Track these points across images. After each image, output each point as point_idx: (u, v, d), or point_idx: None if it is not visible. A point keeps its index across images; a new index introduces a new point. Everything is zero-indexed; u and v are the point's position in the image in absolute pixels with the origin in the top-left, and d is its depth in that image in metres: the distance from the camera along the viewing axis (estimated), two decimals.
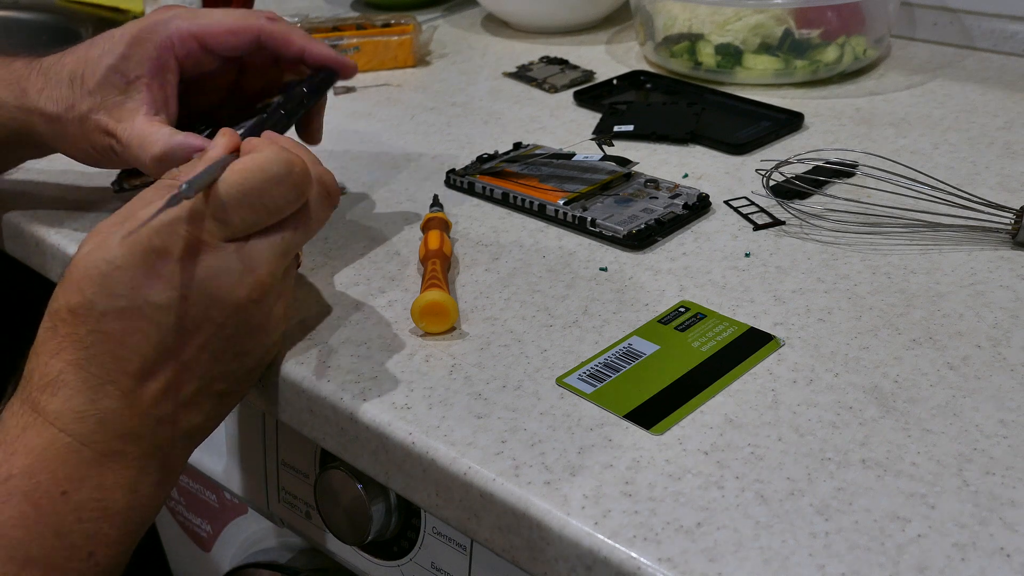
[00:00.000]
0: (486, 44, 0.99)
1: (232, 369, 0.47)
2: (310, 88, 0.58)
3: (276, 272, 0.47)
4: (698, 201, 0.63)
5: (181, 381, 0.45)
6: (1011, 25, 0.87)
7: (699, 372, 0.48)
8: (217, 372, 0.46)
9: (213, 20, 0.56)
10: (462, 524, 0.44)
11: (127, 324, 0.43)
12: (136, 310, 0.43)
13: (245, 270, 0.45)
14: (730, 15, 0.83)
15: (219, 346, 0.46)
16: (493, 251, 0.60)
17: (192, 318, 0.44)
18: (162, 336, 0.44)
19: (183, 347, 0.44)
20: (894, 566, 0.37)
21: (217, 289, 0.45)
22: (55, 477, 0.42)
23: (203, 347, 0.45)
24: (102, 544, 0.43)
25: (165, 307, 0.43)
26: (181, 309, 0.44)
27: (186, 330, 0.44)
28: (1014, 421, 0.44)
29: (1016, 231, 0.57)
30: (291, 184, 0.46)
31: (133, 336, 0.43)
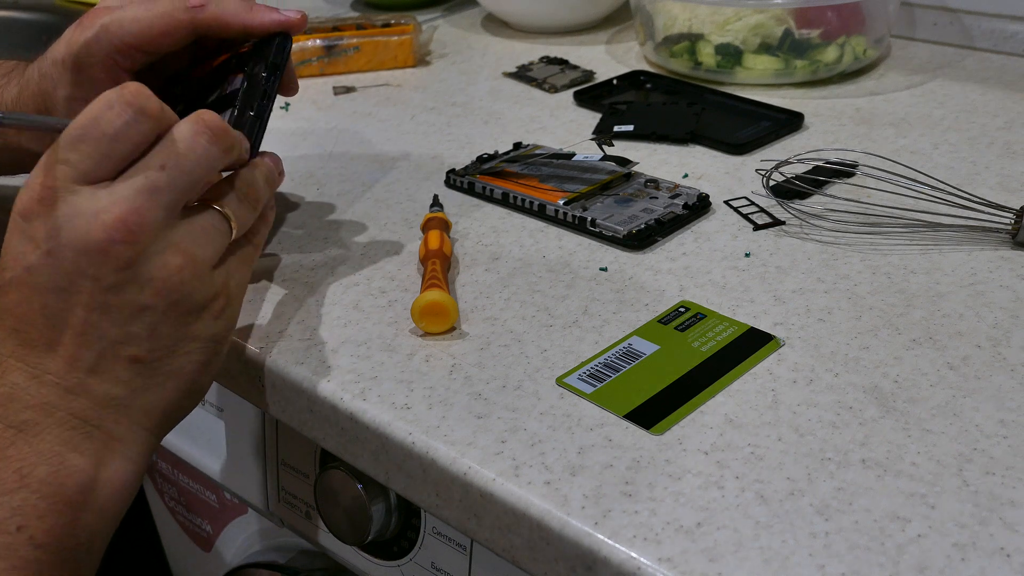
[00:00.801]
0: (486, 44, 0.99)
1: (136, 332, 0.44)
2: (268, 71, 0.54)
3: (143, 209, 0.43)
4: (698, 201, 0.63)
5: (78, 347, 0.43)
6: (1011, 25, 0.87)
7: (699, 372, 0.48)
8: (116, 335, 0.43)
9: (141, 24, 0.53)
10: (462, 524, 0.44)
11: (14, 296, 0.43)
12: (18, 280, 0.43)
13: (100, 209, 0.42)
14: (730, 15, 0.83)
15: (106, 301, 0.43)
16: (493, 251, 0.60)
17: (63, 273, 0.42)
18: (44, 300, 0.42)
19: (69, 310, 0.43)
20: (894, 566, 0.37)
21: (74, 234, 0.42)
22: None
23: (88, 306, 0.43)
24: (30, 516, 0.41)
25: (36, 267, 0.42)
26: (50, 265, 0.42)
27: (63, 289, 0.42)
28: (1014, 421, 0.44)
29: (1016, 231, 0.57)
30: (123, 104, 0.43)
31: (21, 306, 0.43)
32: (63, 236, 0.42)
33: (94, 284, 0.43)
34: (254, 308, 0.55)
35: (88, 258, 0.42)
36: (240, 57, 0.56)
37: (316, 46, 0.91)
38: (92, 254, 0.42)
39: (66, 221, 0.42)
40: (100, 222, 0.42)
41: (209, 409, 0.68)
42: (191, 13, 0.53)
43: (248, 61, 0.55)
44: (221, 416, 0.67)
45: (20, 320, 0.43)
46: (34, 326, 0.43)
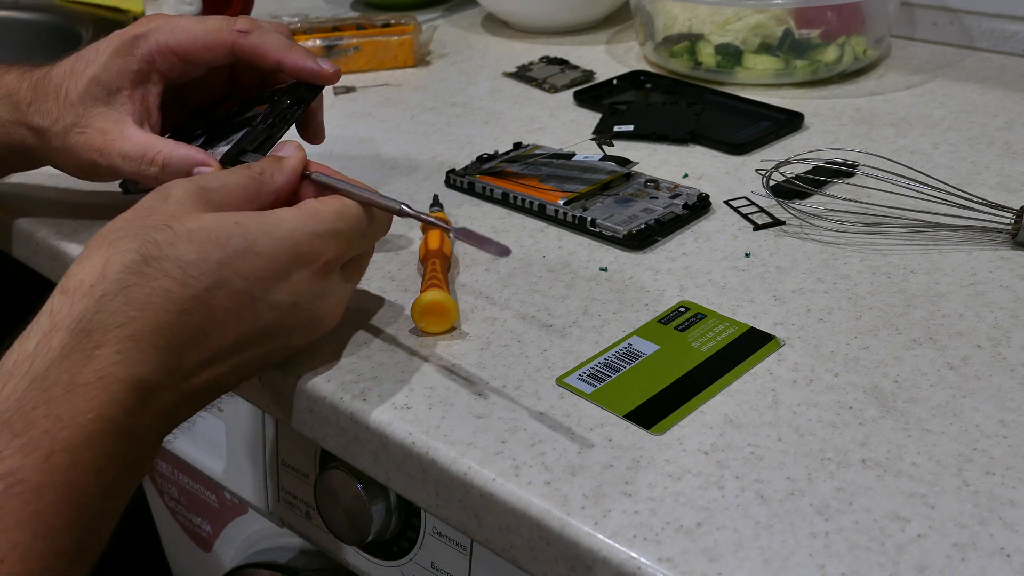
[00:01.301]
0: (486, 44, 0.99)
1: (251, 376, 0.47)
2: (293, 100, 0.57)
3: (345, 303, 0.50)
4: (698, 201, 0.63)
5: (228, 374, 0.44)
6: (1011, 25, 0.87)
7: (699, 372, 0.48)
8: (245, 375, 0.46)
9: (189, 35, 0.56)
10: (462, 524, 0.44)
11: (233, 306, 0.42)
12: (250, 299, 0.43)
13: (339, 301, 0.48)
14: (730, 15, 0.83)
15: (271, 357, 0.46)
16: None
17: (284, 326, 0.45)
18: (251, 331, 0.44)
19: (255, 347, 0.45)
20: (894, 566, 0.37)
21: (320, 310, 0.47)
22: (93, 455, 0.38)
23: (265, 354, 0.46)
24: (110, 519, 0.40)
25: (275, 308, 0.44)
26: (285, 316, 0.45)
27: (270, 334, 0.45)
28: (1014, 421, 0.44)
29: (1016, 231, 0.57)
30: (385, 226, 0.50)
31: (229, 319, 0.42)
32: (312, 305, 0.46)
33: (285, 343, 0.46)
34: None
35: (308, 330, 0.47)
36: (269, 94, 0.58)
37: (316, 46, 0.91)
38: (313, 328, 0.47)
39: (323, 295, 0.46)
40: (335, 314, 0.48)
41: (209, 409, 0.68)
42: (235, 36, 0.56)
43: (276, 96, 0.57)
44: (221, 416, 0.67)
45: (216, 326, 0.42)
46: (222, 338, 0.43)
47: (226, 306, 0.42)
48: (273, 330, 0.45)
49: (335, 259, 0.46)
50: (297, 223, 0.45)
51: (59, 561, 0.37)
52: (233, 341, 0.43)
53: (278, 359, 0.48)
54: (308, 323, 0.47)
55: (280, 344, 0.46)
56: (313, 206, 0.46)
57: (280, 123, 0.56)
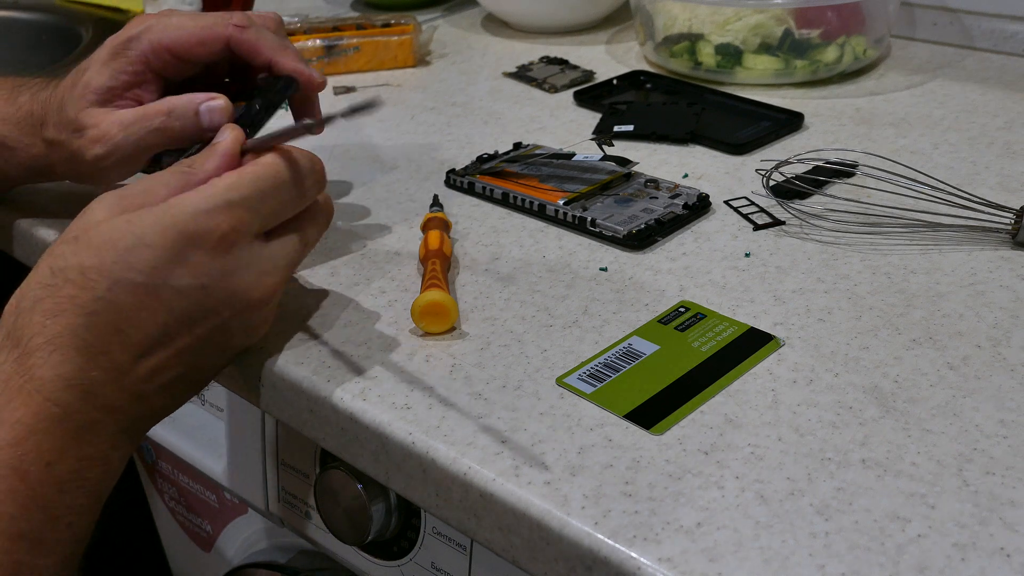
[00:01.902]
0: (486, 44, 0.99)
1: (213, 362, 0.48)
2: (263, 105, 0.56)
3: (288, 276, 0.48)
4: (698, 201, 0.63)
5: (169, 366, 0.45)
6: (1011, 25, 0.87)
7: (699, 372, 0.48)
8: (201, 363, 0.47)
9: (183, 32, 0.56)
10: (462, 524, 0.44)
11: (139, 300, 0.43)
12: (152, 289, 0.43)
13: (265, 271, 0.46)
14: (730, 15, 0.83)
15: (215, 339, 0.46)
16: (493, 251, 0.60)
17: (204, 308, 0.45)
18: (169, 320, 0.44)
19: (184, 334, 0.45)
20: (894, 566, 0.37)
21: (237, 285, 0.45)
22: (40, 449, 0.41)
23: (202, 338, 0.45)
24: (78, 514, 0.43)
25: (183, 293, 0.44)
26: (197, 298, 0.44)
27: (193, 319, 0.45)
28: (1014, 421, 0.44)
29: (1016, 231, 0.57)
30: (315, 176, 0.48)
31: (140, 313, 0.43)
32: (227, 282, 0.45)
33: (221, 324, 0.46)
34: None
35: (233, 308, 0.46)
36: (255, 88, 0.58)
37: (316, 46, 0.91)
38: (240, 306, 0.46)
39: (234, 270, 0.45)
40: (262, 285, 0.46)
41: (209, 409, 0.68)
42: (231, 30, 0.56)
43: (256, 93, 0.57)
44: (221, 416, 0.67)
45: (129, 322, 0.43)
46: (143, 334, 0.43)
47: (130, 301, 0.43)
48: (195, 314, 0.45)
49: (232, 231, 0.45)
50: (181, 206, 0.44)
51: (16, 544, 0.40)
52: (156, 332, 0.44)
53: (234, 343, 0.48)
54: (231, 300, 0.46)
55: (215, 326, 0.46)
56: (207, 184, 0.46)
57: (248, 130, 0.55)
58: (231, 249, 0.45)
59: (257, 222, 0.46)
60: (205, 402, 0.69)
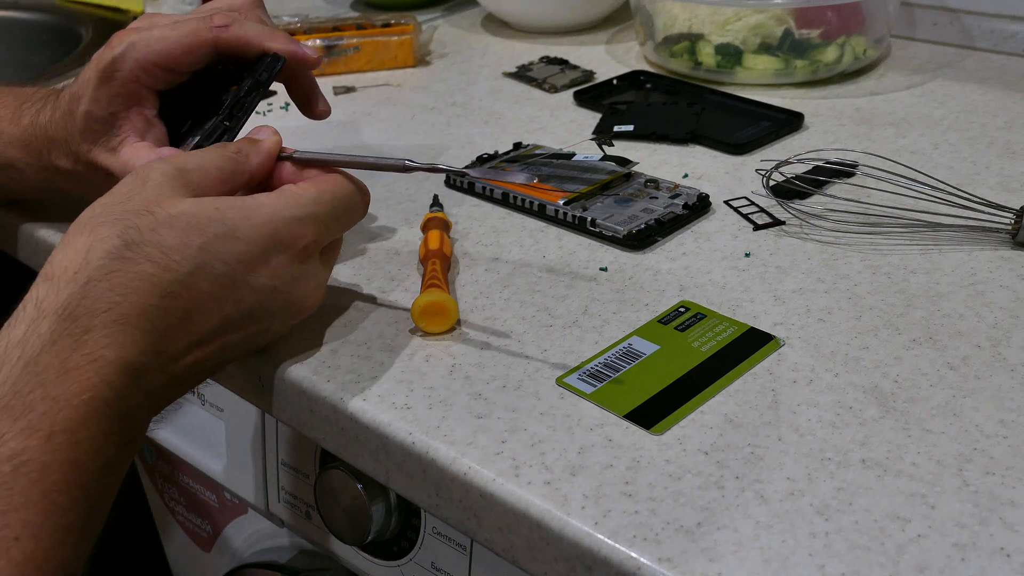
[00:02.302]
0: (486, 44, 0.99)
1: (240, 356, 0.48)
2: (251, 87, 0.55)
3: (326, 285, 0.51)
4: (698, 201, 0.63)
5: (213, 356, 0.45)
6: (1011, 25, 0.87)
7: (699, 372, 0.48)
8: (234, 356, 0.47)
9: (166, 44, 0.54)
10: (462, 524, 0.44)
11: (215, 290, 0.43)
12: (231, 282, 0.44)
13: (320, 283, 0.49)
14: (730, 15, 0.83)
15: (256, 337, 0.47)
16: (493, 251, 0.60)
17: (265, 309, 0.46)
18: (233, 314, 0.44)
19: (238, 329, 0.45)
20: (894, 566, 0.37)
21: (299, 294, 0.47)
22: (91, 434, 0.39)
23: (247, 337, 0.46)
24: (109, 500, 0.42)
25: (257, 291, 0.45)
26: (264, 299, 0.45)
27: (252, 317, 0.46)
28: (1014, 421, 0.44)
29: (1016, 231, 0.57)
30: (364, 206, 0.51)
31: (212, 303, 0.43)
32: (294, 289, 0.47)
33: (267, 327, 0.47)
34: None
35: (287, 313, 0.48)
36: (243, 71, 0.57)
37: (316, 46, 0.91)
38: (294, 313, 0.48)
39: (302, 279, 0.47)
40: (317, 295, 0.49)
41: (209, 409, 0.68)
42: (215, 32, 0.55)
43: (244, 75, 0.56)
44: (221, 416, 0.67)
45: (200, 310, 0.43)
46: (206, 322, 0.44)
47: (208, 290, 0.43)
48: (255, 313, 0.46)
49: (313, 243, 0.47)
50: (276, 208, 0.46)
51: (68, 537, 0.38)
52: (217, 324, 0.44)
53: (262, 343, 0.49)
54: (288, 306, 0.47)
55: (262, 327, 0.47)
56: (292, 191, 0.47)
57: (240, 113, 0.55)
58: (307, 259, 0.47)
59: (327, 238, 0.49)
60: (205, 402, 0.69)
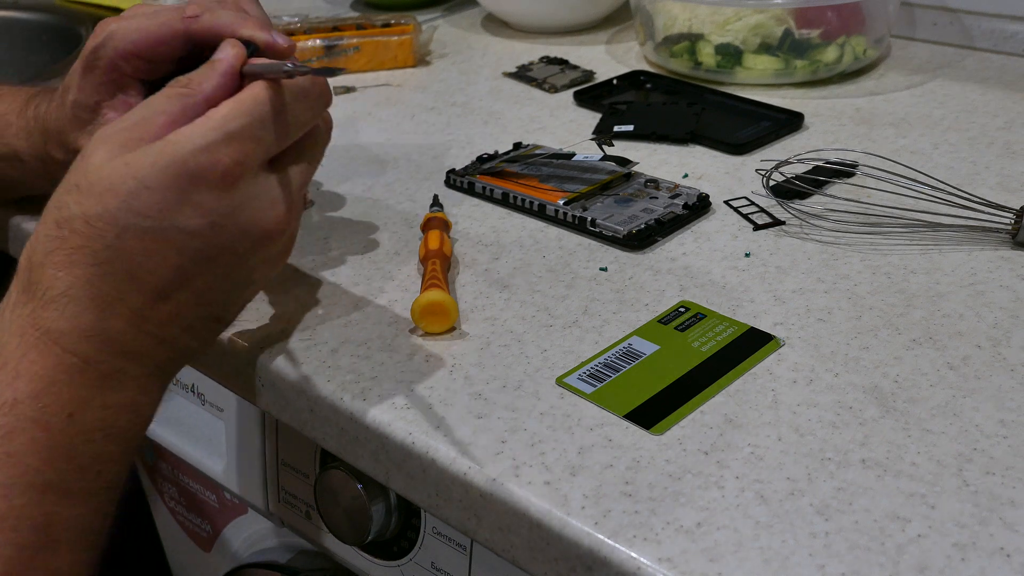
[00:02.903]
0: (486, 44, 0.99)
1: (235, 298, 0.47)
2: None
3: (298, 206, 0.47)
4: (698, 201, 0.63)
5: (189, 306, 0.44)
6: (1011, 25, 0.87)
7: (699, 372, 0.48)
8: (224, 300, 0.46)
9: (142, 34, 0.54)
10: (462, 524, 0.44)
11: (148, 244, 0.42)
12: (161, 232, 0.42)
13: (275, 200, 0.45)
14: (730, 15, 0.83)
15: (234, 275, 0.46)
16: (493, 251, 0.60)
17: (216, 246, 0.44)
18: (182, 261, 0.43)
19: (201, 274, 0.44)
20: (894, 566, 0.37)
21: (248, 219, 0.44)
22: (61, 400, 0.41)
23: (221, 276, 0.45)
24: (108, 461, 0.43)
25: (193, 233, 0.43)
26: (208, 237, 0.43)
27: (208, 258, 0.44)
28: (1014, 421, 0.44)
29: (1016, 231, 0.57)
30: (316, 96, 0.46)
31: (152, 257, 0.42)
32: (237, 216, 0.44)
33: (238, 261, 0.45)
34: (254, 308, 0.55)
35: (248, 241, 0.45)
36: None
37: (316, 46, 0.91)
38: (255, 239, 0.45)
39: (244, 203, 0.44)
40: (275, 213, 0.45)
41: (209, 409, 0.68)
42: (187, 23, 0.54)
43: None
44: (221, 416, 0.67)
45: (142, 268, 0.42)
46: (157, 277, 0.43)
47: (140, 247, 0.42)
48: (209, 253, 0.44)
49: (236, 165, 0.43)
50: (180, 143, 0.43)
51: (45, 496, 0.40)
52: (171, 275, 0.43)
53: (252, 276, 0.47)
54: (244, 234, 0.44)
55: (232, 262, 0.45)
56: (205, 117, 0.44)
57: None
58: (237, 183, 0.44)
59: (261, 152, 0.44)
60: (205, 402, 0.69)
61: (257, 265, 0.46)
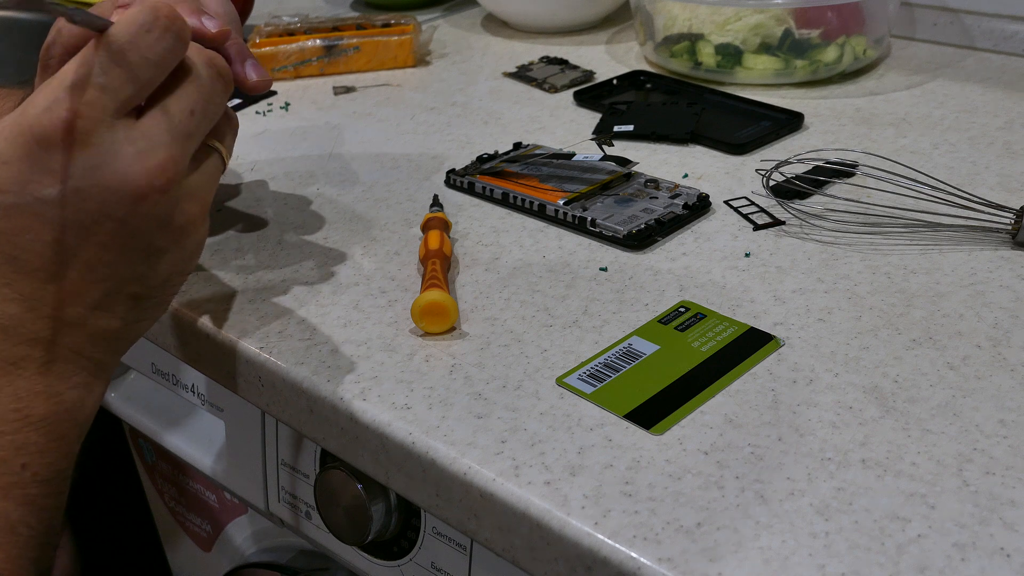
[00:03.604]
0: (486, 44, 0.99)
1: (143, 272, 0.44)
2: None
3: (179, 157, 0.43)
4: (698, 201, 0.63)
5: (86, 282, 0.42)
6: (1011, 25, 0.87)
7: (699, 372, 0.48)
8: (127, 274, 0.43)
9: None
10: (462, 524, 0.44)
11: (17, 222, 0.40)
12: (25, 207, 0.40)
13: (141, 151, 0.41)
14: (730, 15, 0.83)
15: (125, 243, 0.42)
16: (493, 251, 0.60)
17: (88, 212, 0.41)
18: (56, 234, 0.41)
19: (83, 245, 0.41)
20: (894, 566, 0.37)
21: (112, 176, 0.41)
22: None
23: (106, 245, 0.42)
24: (33, 454, 0.41)
25: (56, 202, 0.40)
26: (74, 203, 0.40)
27: (83, 226, 0.41)
28: (1014, 421, 0.44)
29: (1016, 231, 0.57)
30: (161, 28, 0.41)
31: (24, 235, 0.40)
32: (99, 175, 0.40)
33: (119, 226, 0.42)
34: (254, 308, 0.55)
35: (121, 201, 0.41)
36: None
37: (316, 46, 0.91)
38: (127, 198, 0.41)
39: (102, 160, 0.40)
40: (142, 168, 0.41)
41: (209, 409, 0.68)
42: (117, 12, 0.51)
43: None
44: (221, 416, 0.67)
45: (20, 248, 0.41)
46: (38, 256, 0.41)
47: (9, 226, 0.41)
48: (83, 221, 0.41)
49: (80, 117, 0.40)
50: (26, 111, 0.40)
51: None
52: (50, 252, 0.41)
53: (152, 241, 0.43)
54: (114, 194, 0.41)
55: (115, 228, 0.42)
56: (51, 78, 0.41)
57: None
58: (88, 138, 0.40)
59: (109, 99, 0.40)
60: (205, 402, 0.69)
61: (149, 229, 0.43)
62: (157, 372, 0.72)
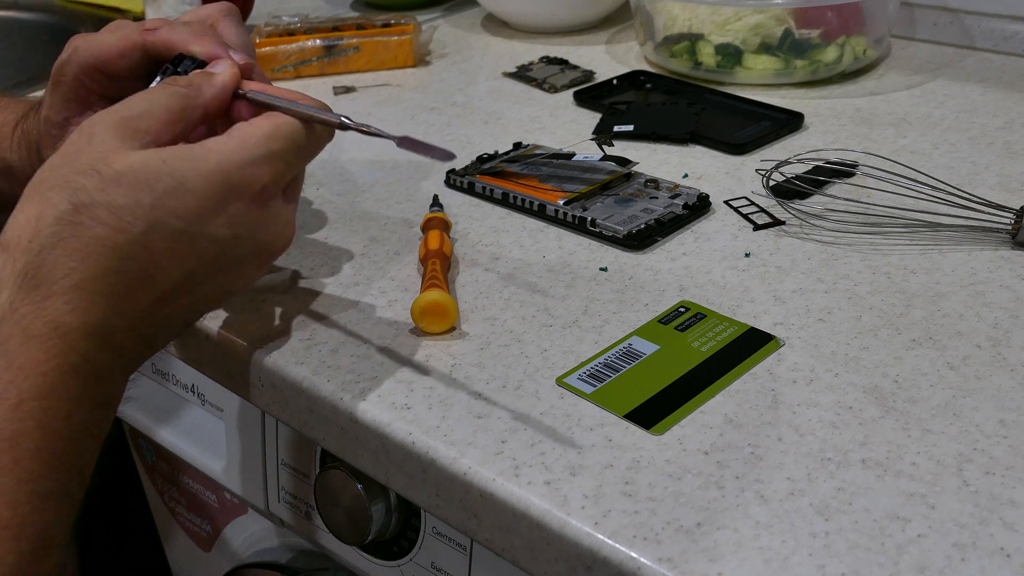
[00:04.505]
0: (486, 44, 0.99)
1: (215, 304, 0.48)
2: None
3: None
4: (698, 201, 0.63)
5: (184, 310, 0.44)
6: (1011, 25, 0.87)
7: (699, 372, 0.48)
8: (207, 307, 0.47)
9: (103, 47, 0.53)
10: (462, 524, 0.44)
11: (173, 246, 0.42)
12: (190, 236, 0.42)
13: (288, 222, 0.47)
14: (730, 15, 0.83)
15: (227, 288, 0.46)
16: (493, 251, 0.60)
17: (231, 258, 0.45)
18: (197, 267, 0.43)
19: (207, 281, 0.44)
20: (894, 566, 0.37)
21: (266, 236, 0.46)
22: (61, 400, 0.39)
23: (218, 287, 0.45)
24: (89, 461, 0.42)
25: (217, 242, 0.43)
26: (228, 247, 0.44)
27: (219, 267, 0.44)
28: (1014, 421, 0.44)
29: (1016, 231, 0.57)
30: (323, 140, 0.49)
31: (172, 259, 0.42)
32: (258, 233, 0.45)
33: (240, 273, 0.46)
34: (254, 308, 0.55)
35: (257, 259, 0.47)
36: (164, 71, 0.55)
37: (316, 46, 0.91)
38: (263, 258, 0.47)
39: (266, 221, 0.45)
40: (284, 236, 0.47)
41: (209, 409, 0.68)
42: (144, 35, 0.53)
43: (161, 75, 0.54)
44: (221, 416, 0.67)
45: (159, 268, 0.42)
46: (168, 279, 0.42)
47: (165, 247, 0.42)
48: (220, 263, 0.44)
49: (272, 184, 0.45)
50: (226, 153, 0.43)
51: (46, 502, 0.39)
52: (180, 279, 0.43)
53: (235, 289, 0.47)
54: (256, 251, 0.46)
55: (232, 276, 0.46)
56: (244, 131, 0.45)
57: None
58: (268, 201, 0.45)
59: (288, 175, 0.46)
60: (205, 402, 0.69)
61: (246, 280, 0.47)
62: (157, 372, 0.72)
